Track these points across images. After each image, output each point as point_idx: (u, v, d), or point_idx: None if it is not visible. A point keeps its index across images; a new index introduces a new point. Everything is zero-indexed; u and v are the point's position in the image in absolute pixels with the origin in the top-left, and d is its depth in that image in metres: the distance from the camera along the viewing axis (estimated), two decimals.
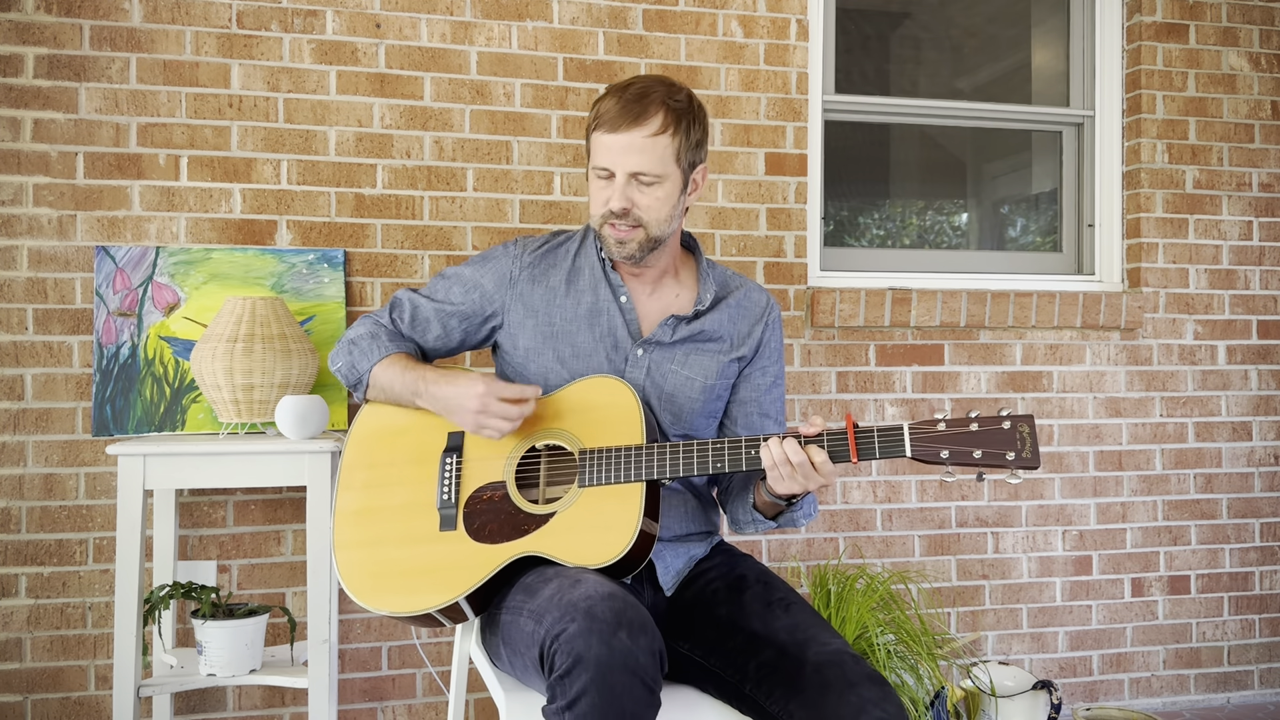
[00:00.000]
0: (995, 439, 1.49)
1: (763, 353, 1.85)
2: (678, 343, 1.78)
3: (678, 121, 1.69)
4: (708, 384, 1.79)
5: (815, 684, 1.47)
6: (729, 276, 1.89)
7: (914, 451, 1.51)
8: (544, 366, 1.77)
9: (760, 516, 1.74)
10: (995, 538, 2.96)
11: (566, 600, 1.42)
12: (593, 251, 1.82)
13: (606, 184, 1.70)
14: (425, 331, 1.83)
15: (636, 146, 1.67)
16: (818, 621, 1.60)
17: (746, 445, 1.59)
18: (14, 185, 2.40)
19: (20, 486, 2.40)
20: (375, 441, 1.78)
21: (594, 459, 1.64)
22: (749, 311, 1.85)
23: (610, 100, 1.69)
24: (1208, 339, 3.09)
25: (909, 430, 1.52)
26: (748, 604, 1.65)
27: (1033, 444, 1.48)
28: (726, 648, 1.60)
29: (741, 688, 1.57)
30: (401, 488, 1.73)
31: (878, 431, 1.53)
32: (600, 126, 1.68)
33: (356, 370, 1.79)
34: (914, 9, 3.27)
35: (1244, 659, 3.13)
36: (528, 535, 1.63)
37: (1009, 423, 1.50)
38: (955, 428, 1.51)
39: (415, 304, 1.84)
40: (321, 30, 2.55)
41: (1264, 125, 3.13)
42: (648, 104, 1.67)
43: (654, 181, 1.69)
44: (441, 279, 1.86)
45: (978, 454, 1.49)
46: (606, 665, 1.34)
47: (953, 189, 3.40)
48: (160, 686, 2.19)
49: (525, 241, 1.85)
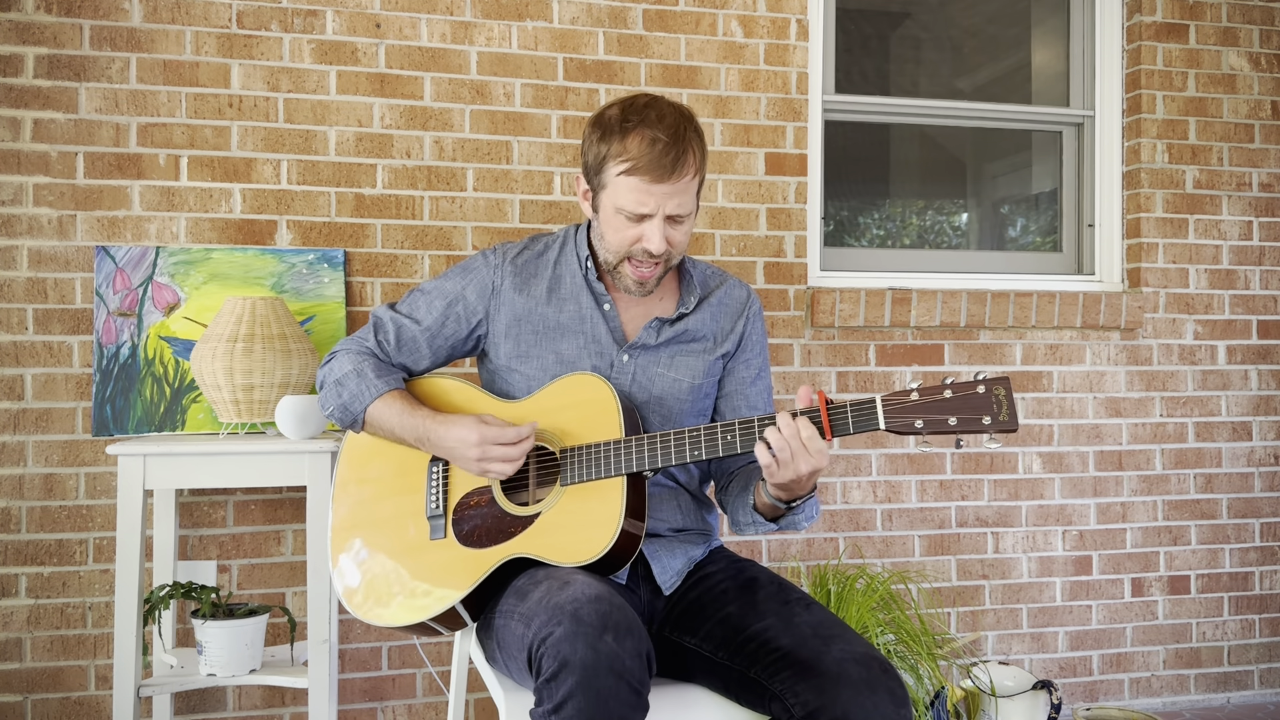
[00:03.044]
0: (970, 404, 1.45)
1: (745, 346, 1.84)
2: (663, 345, 1.78)
3: (702, 157, 1.68)
4: (695, 384, 1.78)
5: (833, 675, 1.45)
6: (709, 274, 1.88)
7: (888, 424, 1.47)
8: (528, 374, 1.76)
9: (760, 518, 1.71)
10: (995, 538, 2.96)
11: (554, 603, 1.42)
12: (573, 259, 1.81)
13: (633, 224, 1.67)
14: (414, 354, 1.81)
15: (678, 191, 1.64)
16: (843, 624, 1.58)
17: (723, 431, 1.57)
18: (14, 185, 2.40)
19: (20, 486, 2.41)
20: (367, 456, 1.79)
21: (574, 457, 1.64)
22: (730, 308, 1.84)
23: (642, 143, 1.62)
24: (1208, 339, 3.09)
25: (882, 401, 1.48)
26: (762, 602, 1.63)
27: (1010, 407, 1.44)
28: (736, 641, 1.59)
29: (746, 672, 1.55)
30: (392, 499, 1.75)
31: (850, 406, 1.50)
32: (636, 173, 1.62)
33: (350, 412, 1.75)
34: (914, 9, 3.27)
35: (1244, 659, 3.13)
36: (515, 537, 1.63)
37: (984, 386, 1.45)
38: (929, 395, 1.46)
39: (399, 325, 1.80)
40: (321, 30, 2.55)
41: (1264, 125, 3.13)
42: (685, 147, 1.63)
43: (686, 218, 1.69)
44: (422, 295, 1.82)
45: (953, 420, 1.45)
46: (592, 668, 1.33)
47: (953, 189, 3.40)
48: (160, 686, 2.19)
49: (504, 250, 1.83)
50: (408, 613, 1.66)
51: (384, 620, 1.67)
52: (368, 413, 1.74)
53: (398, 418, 1.71)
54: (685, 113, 1.69)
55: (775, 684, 1.50)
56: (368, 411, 1.73)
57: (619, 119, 1.65)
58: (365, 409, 1.73)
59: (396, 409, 1.72)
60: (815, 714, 1.44)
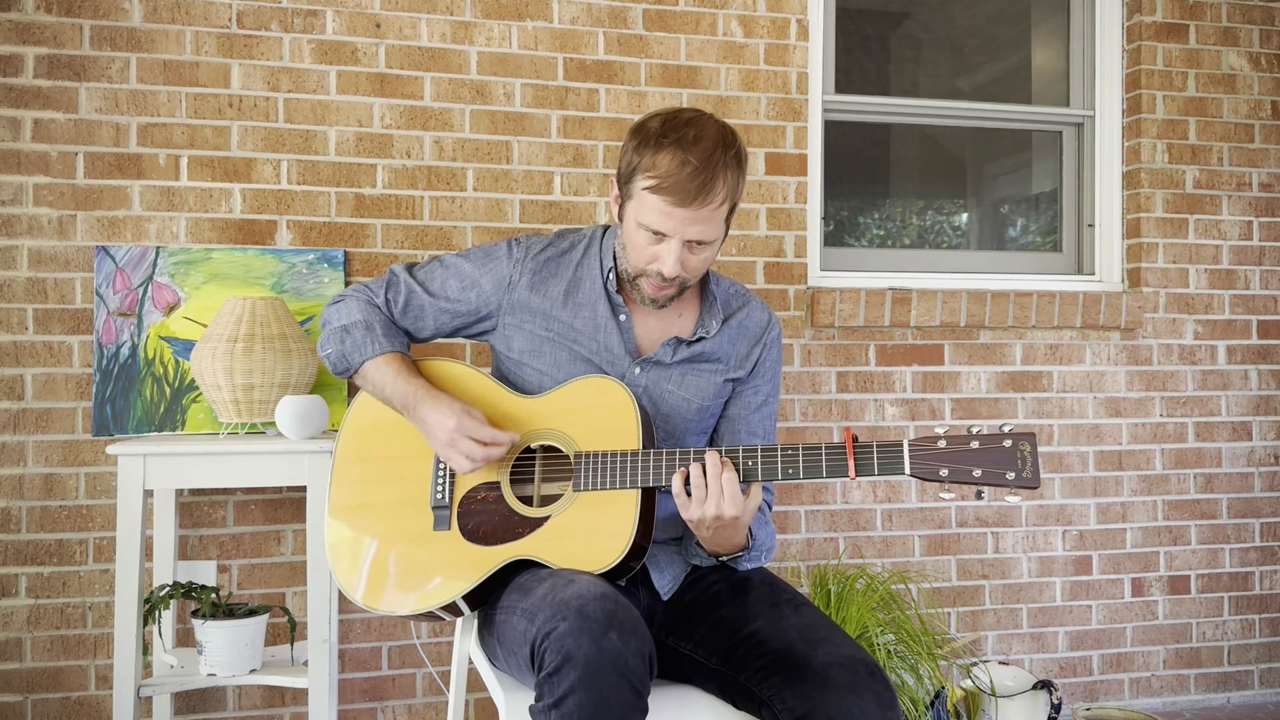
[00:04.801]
0: (995, 458, 1.46)
1: (757, 372, 1.82)
2: (676, 364, 1.76)
3: (735, 185, 1.63)
4: (704, 405, 1.78)
5: (819, 679, 1.45)
6: (732, 294, 1.84)
7: (914, 469, 1.48)
8: (538, 372, 1.75)
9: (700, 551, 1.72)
10: (995, 538, 2.96)
11: (559, 599, 1.42)
12: (596, 264, 1.78)
13: (655, 241, 1.64)
14: (418, 322, 1.81)
15: (701, 218, 1.60)
16: (830, 625, 1.57)
17: (744, 455, 1.57)
18: (14, 185, 2.40)
19: (20, 486, 2.41)
20: (370, 434, 1.77)
21: (589, 462, 1.62)
22: (749, 332, 1.82)
23: (672, 161, 1.58)
24: (1208, 339, 3.09)
25: (909, 447, 1.49)
26: (752, 604, 1.63)
27: (1033, 463, 1.45)
28: (728, 645, 1.59)
29: (737, 678, 1.56)
30: (396, 484, 1.72)
31: (876, 448, 1.51)
32: (660, 191, 1.58)
33: (348, 360, 1.76)
34: (914, 9, 3.27)
35: (1244, 659, 3.13)
36: (522, 538, 1.62)
37: (1010, 441, 1.46)
38: (955, 445, 1.48)
39: (411, 290, 1.80)
40: (321, 30, 2.55)
41: (1264, 125, 3.13)
42: (715, 174, 1.58)
43: (707, 244, 1.66)
44: (441, 267, 1.81)
45: (977, 473, 1.46)
46: (595, 665, 1.33)
47: (953, 189, 3.40)
48: (160, 686, 2.19)
49: (529, 243, 1.81)
50: (407, 603, 1.65)
51: (381, 608, 1.66)
52: (363, 369, 1.75)
53: (393, 380, 1.72)
54: (727, 137, 1.62)
55: (764, 690, 1.51)
56: (364, 367, 1.75)
57: (658, 132, 1.62)
58: (364, 362, 1.75)
59: (393, 371, 1.72)
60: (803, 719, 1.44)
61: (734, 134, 1.65)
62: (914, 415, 2.90)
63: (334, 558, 1.72)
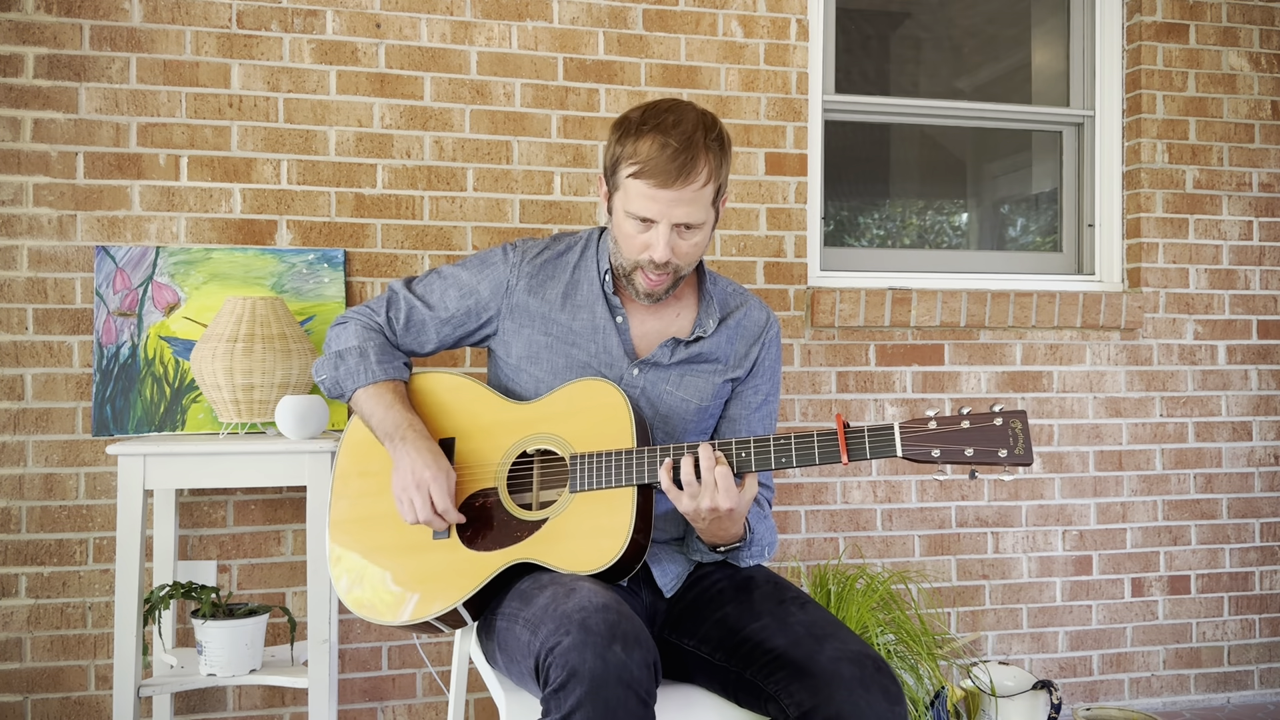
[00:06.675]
0: (987, 436, 1.47)
1: (757, 371, 1.82)
2: (674, 365, 1.76)
3: (718, 166, 1.65)
4: (702, 405, 1.78)
5: (827, 674, 1.45)
6: (729, 294, 1.85)
7: (905, 451, 1.49)
8: (536, 377, 1.76)
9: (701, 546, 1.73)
10: (995, 538, 2.96)
11: (561, 611, 1.41)
12: (593, 266, 1.79)
13: (643, 229, 1.65)
14: (421, 337, 1.82)
15: (685, 200, 1.61)
16: (837, 622, 1.57)
17: (737, 447, 1.57)
18: (14, 185, 2.40)
19: (20, 486, 2.41)
20: (369, 448, 1.78)
21: (584, 464, 1.63)
22: (748, 331, 1.82)
23: (652, 146, 1.60)
24: (1208, 339, 3.09)
25: (899, 429, 1.49)
26: (758, 601, 1.63)
27: (1025, 440, 1.46)
28: (733, 641, 1.59)
29: (742, 674, 1.56)
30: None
31: (868, 431, 1.51)
32: (643, 176, 1.60)
33: (341, 387, 1.77)
34: (914, 9, 3.27)
35: (1244, 659, 3.13)
36: (521, 542, 1.62)
37: (1000, 419, 1.47)
38: (946, 426, 1.48)
39: (411, 306, 1.81)
40: (321, 30, 2.55)
41: (1264, 125, 3.13)
42: (695, 154, 1.60)
43: (696, 228, 1.66)
44: (438, 278, 1.82)
45: (969, 452, 1.47)
46: (601, 679, 1.33)
47: (953, 189, 3.40)
48: (160, 686, 2.19)
49: (525, 247, 1.82)
50: (408, 612, 1.65)
51: (384, 619, 1.67)
52: (355, 396, 1.76)
53: (382, 411, 1.72)
54: (707, 121, 1.64)
55: (770, 685, 1.51)
56: (355, 395, 1.76)
57: (638, 121, 1.64)
58: (356, 390, 1.75)
59: (384, 403, 1.72)
60: (810, 714, 1.44)
61: (714, 119, 1.67)
62: (914, 415, 2.90)
63: (337, 570, 1.73)
